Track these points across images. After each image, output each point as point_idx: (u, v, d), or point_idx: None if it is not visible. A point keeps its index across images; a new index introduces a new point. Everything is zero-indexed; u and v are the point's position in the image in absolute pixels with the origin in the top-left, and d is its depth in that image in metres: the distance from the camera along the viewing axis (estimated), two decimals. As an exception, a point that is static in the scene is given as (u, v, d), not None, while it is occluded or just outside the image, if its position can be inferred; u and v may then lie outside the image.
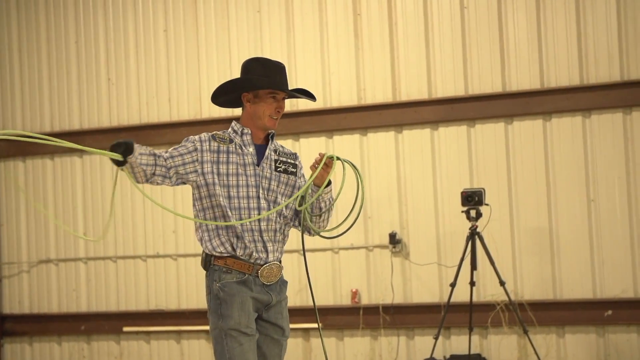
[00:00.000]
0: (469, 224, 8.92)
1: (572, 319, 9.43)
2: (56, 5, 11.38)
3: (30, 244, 11.42)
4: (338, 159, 5.16)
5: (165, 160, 5.03)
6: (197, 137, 5.15)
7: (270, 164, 5.23)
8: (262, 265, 5.11)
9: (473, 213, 8.90)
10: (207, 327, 10.45)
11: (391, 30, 10.14)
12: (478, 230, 8.88)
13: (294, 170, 5.32)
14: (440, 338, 9.63)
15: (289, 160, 5.33)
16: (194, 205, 5.19)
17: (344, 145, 10.13)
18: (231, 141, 5.17)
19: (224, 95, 5.31)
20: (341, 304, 10.16)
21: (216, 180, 5.07)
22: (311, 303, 10.15)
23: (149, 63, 11.00)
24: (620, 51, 9.39)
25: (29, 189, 11.43)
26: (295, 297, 10.15)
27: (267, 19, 10.55)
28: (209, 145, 5.12)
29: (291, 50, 10.43)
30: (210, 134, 5.18)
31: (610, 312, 9.33)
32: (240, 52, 10.61)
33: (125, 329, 10.97)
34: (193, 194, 5.17)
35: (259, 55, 10.45)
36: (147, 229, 10.94)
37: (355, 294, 10.10)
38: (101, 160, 11.12)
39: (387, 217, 9.99)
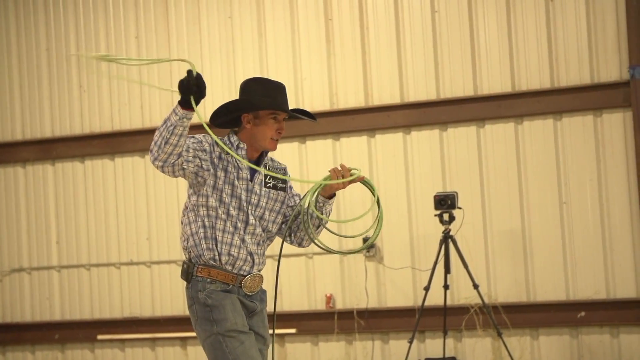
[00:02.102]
0: (442, 228, 8.93)
1: (546, 321, 9.47)
2: (26, 12, 11.33)
3: (2, 253, 11.34)
4: (371, 188, 5.24)
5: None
6: (204, 137, 5.05)
7: (261, 180, 5.19)
8: (245, 276, 5.09)
9: (446, 216, 8.92)
10: (181, 334, 10.50)
11: (363, 34, 10.15)
12: (451, 233, 8.91)
13: (283, 185, 5.28)
14: (415, 342, 9.64)
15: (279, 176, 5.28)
16: (188, 201, 5.12)
17: (317, 150, 10.14)
18: (227, 152, 5.11)
19: (223, 116, 5.19)
20: (316, 309, 10.16)
21: (215, 184, 5.04)
22: (286, 308, 10.16)
23: (120, 69, 10.95)
24: (590, 54, 9.45)
25: (1, 197, 11.36)
26: (270, 302, 10.12)
27: (239, 25, 10.55)
28: (214, 149, 5.06)
29: (263, 55, 10.43)
30: (212, 139, 5.10)
31: (583, 313, 9.37)
32: (211, 58, 10.60)
33: (100, 337, 10.92)
34: (191, 190, 5.10)
35: (230, 63, 10.48)
36: (121, 236, 10.91)
37: (329, 299, 10.10)
38: (73, 167, 11.08)
39: (360, 221, 9.94)
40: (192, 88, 4.63)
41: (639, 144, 9.19)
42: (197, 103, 4.68)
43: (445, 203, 8.91)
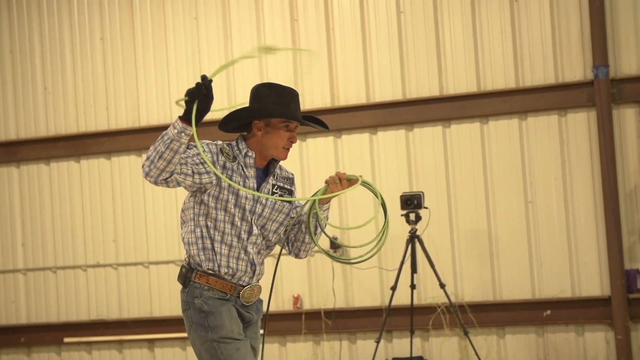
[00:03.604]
0: (408, 228, 8.95)
1: (512, 320, 9.52)
2: (-10, 14, 11.26)
3: (-33, 256, 11.28)
4: (366, 184, 5.03)
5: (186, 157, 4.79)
6: (208, 147, 4.88)
7: (268, 190, 5.03)
8: (244, 287, 4.98)
9: (412, 216, 8.93)
10: (149, 336, 10.47)
11: (328, 35, 10.17)
12: (418, 233, 8.93)
13: (289, 196, 5.13)
14: (382, 341, 9.66)
15: (285, 186, 5.14)
16: (190, 208, 4.96)
17: (283, 151, 10.12)
18: (234, 159, 4.95)
19: (233, 121, 5.05)
20: (283, 310, 10.15)
21: (219, 196, 4.89)
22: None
23: (85, 71, 10.91)
24: (554, 54, 9.51)
25: (-34, 200, 11.29)
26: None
27: (204, 26, 10.53)
28: (218, 159, 4.90)
29: (229, 56, 10.41)
30: (217, 146, 4.93)
31: (549, 312, 9.43)
32: (177, 59, 10.57)
33: (66, 339, 10.86)
34: (193, 199, 4.95)
35: (196, 65, 10.46)
36: (87, 238, 10.85)
37: (297, 300, 10.10)
38: (38, 170, 11.02)
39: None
40: (200, 93, 4.54)
41: (603, 143, 9.26)
42: (199, 118, 4.56)
43: (411, 203, 8.92)
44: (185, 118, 4.57)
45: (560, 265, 9.43)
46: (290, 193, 5.16)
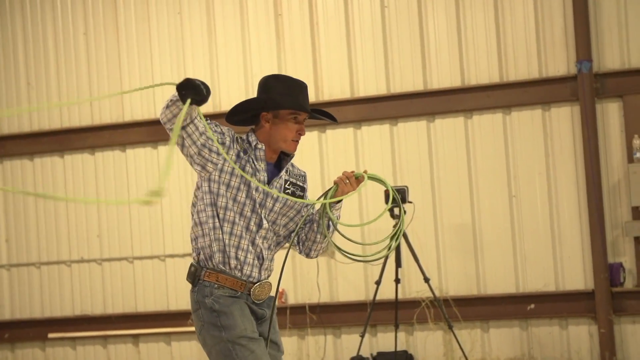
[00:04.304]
0: (392, 222, 8.95)
1: (496, 314, 9.55)
2: (-27, 9, 11.22)
3: (-50, 252, 11.24)
4: (373, 178, 5.04)
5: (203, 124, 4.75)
6: (228, 132, 4.86)
7: (280, 185, 4.97)
8: (254, 284, 4.93)
9: (397, 211, 8.93)
10: (133, 331, 10.44)
11: (312, 30, 10.16)
12: (402, 227, 8.93)
13: (301, 194, 5.07)
14: (367, 336, 9.68)
15: (298, 183, 5.07)
16: (200, 199, 4.89)
17: (267, 145, 10.12)
18: (245, 152, 4.90)
19: (241, 113, 5.00)
20: (268, 305, 10.15)
21: (230, 183, 4.85)
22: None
23: (69, 66, 10.87)
24: (538, 49, 9.54)
25: (-51, 196, 11.25)
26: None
27: (188, 21, 10.51)
28: (233, 146, 4.87)
29: (213, 52, 10.40)
30: (234, 134, 4.90)
31: (532, 305, 9.46)
32: (161, 54, 10.55)
33: (51, 335, 10.84)
34: (201, 191, 4.89)
35: (180, 59, 10.44)
36: (71, 233, 10.83)
37: (281, 294, 10.10)
38: (22, 165, 10.98)
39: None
40: (194, 90, 4.49)
41: (587, 137, 9.30)
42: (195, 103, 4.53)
43: (395, 197, 8.92)
44: (181, 98, 4.50)
45: (544, 259, 9.46)
46: (303, 190, 5.11)
